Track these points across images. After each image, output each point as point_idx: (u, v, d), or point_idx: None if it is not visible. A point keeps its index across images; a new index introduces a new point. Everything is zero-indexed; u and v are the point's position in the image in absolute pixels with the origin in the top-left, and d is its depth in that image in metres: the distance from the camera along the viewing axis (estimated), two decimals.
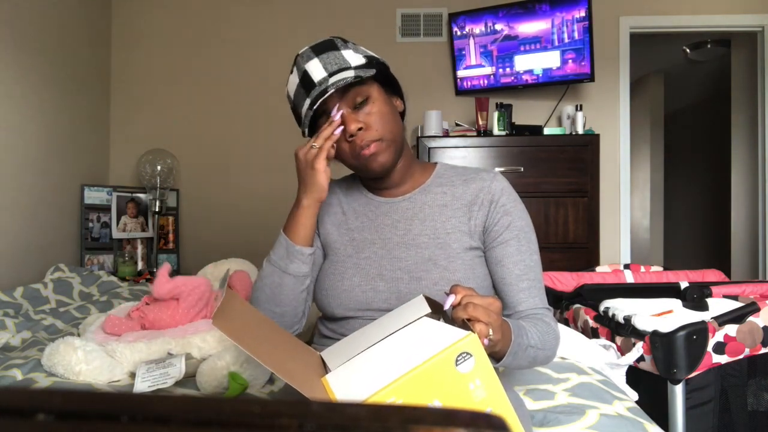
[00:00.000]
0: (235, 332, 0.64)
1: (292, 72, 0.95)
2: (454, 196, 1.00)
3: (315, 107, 0.90)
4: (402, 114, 1.02)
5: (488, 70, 3.18)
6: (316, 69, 0.92)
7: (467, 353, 0.55)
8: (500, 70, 3.16)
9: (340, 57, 0.92)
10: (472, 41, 3.18)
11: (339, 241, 1.03)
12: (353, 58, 0.93)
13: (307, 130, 0.95)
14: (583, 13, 2.97)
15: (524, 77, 3.12)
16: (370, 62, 0.94)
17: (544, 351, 0.88)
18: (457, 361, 0.55)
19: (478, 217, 0.98)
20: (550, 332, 0.91)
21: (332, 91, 0.87)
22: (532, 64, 3.10)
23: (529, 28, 3.09)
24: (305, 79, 0.93)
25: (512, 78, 3.14)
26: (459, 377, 0.55)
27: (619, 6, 3.29)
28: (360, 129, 0.91)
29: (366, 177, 1.02)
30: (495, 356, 0.79)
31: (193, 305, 1.44)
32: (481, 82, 3.20)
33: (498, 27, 3.13)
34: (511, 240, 0.96)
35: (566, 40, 3.02)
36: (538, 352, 0.87)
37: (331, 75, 0.91)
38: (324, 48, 0.93)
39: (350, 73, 0.89)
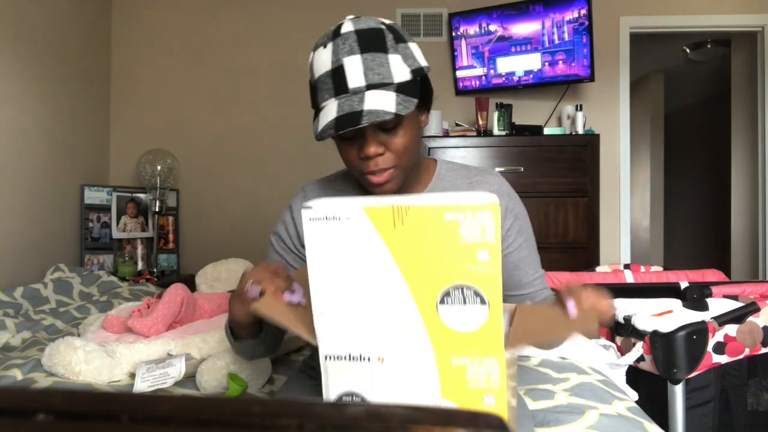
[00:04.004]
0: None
1: (325, 46, 0.82)
2: None
3: (341, 132, 0.80)
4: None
5: (480, 71, 3.19)
6: (354, 71, 0.80)
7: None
8: (491, 71, 3.17)
9: (385, 65, 0.80)
10: (463, 42, 3.19)
11: None
12: (399, 71, 0.81)
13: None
14: (576, 14, 2.97)
15: (514, 78, 3.13)
16: (415, 79, 0.83)
17: None
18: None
19: None
20: None
21: (365, 124, 0.77)
22: (517, 65, 3.11)
23: (522, 29, 3.09)
24: (338, 74, 0.80)
25: (503, 79, 3.15)
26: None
27: (619, 6, 3.29)
28: (378, 154, 0.84)
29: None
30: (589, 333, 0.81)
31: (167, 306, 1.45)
32: (474, 83, 3.21)
33: (492, 28, 3.14)
34: (523, 243, 0.97)
35: (556, 42, 3.03)
36: None
37: (368, 87, 0.79)
38: (371, 44, 0.80)
39: (391, 100, 0.79)
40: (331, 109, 0.81)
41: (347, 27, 0.82)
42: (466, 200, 0.55)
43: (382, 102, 0.78)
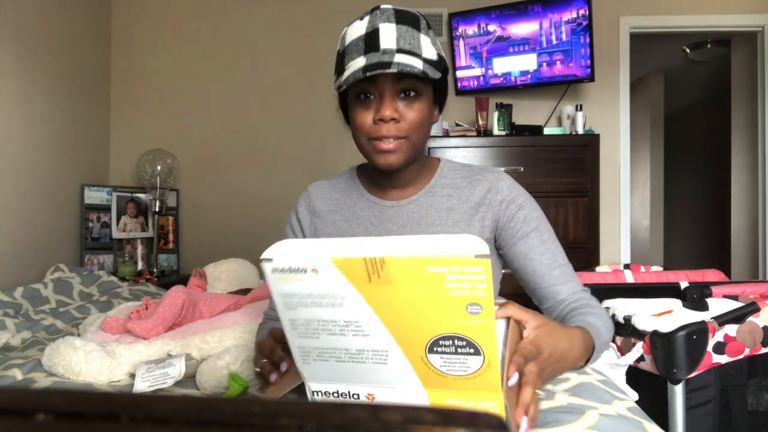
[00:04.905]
0: None
1: (362, 19, 0.88)
2: (460, 199, 0.98)
3: (369, 74, 0.81)
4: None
5: (478, 71, 3.19)
6: (388, 35, 0.84)
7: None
8: (489, 71, 3.17)
9: (416, 40, 0.86)
10: (462, 42, 3.19)
11: None
12: (428, 49, 0.86)
13: (341, 91, 0.89)
14: (574, 15, 2.97)
15: (511, 78, 3.14)
16: (439, 63, 0.88)
17: (609, 338, 0.89)
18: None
19: (486, 219, 0.96)
20: (605, 314, 0.90)
21: (394, 71, 0.80)
22: (514, 66, 3.12)
23: (520, 29, 3.10)
24: (372, 36, 0.85)
25: (501, 79, 3.15)
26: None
27: (619, 6, 3.29)
28: (393, 119, 0.86)
29: (368, 162, 0.97)
30: (576, 367, 0.79)
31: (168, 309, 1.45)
32: (472, 83, 3.21)
33: (491, 28, 3.14)
34: (531, 232, 0.95)
35: (554, 42, 3.03)
36: (604, 346, 0.87)
37: (399, 51, 0.84)
38: (407, 20, 0.87)
39: (419, 63, 0.83)
40: (358, 63, 0.84)
41: (386, 5, 0.88)
42: (451, 250, 0.49)
43: (411, 61, 0.83)
